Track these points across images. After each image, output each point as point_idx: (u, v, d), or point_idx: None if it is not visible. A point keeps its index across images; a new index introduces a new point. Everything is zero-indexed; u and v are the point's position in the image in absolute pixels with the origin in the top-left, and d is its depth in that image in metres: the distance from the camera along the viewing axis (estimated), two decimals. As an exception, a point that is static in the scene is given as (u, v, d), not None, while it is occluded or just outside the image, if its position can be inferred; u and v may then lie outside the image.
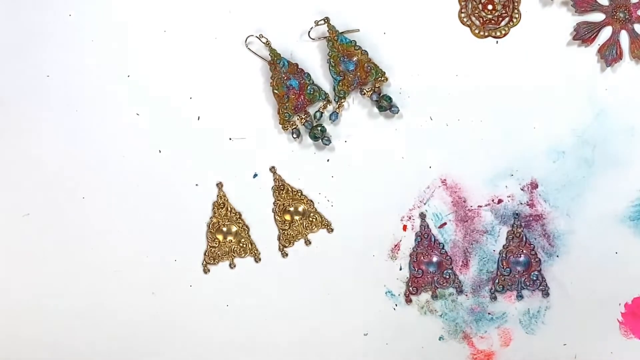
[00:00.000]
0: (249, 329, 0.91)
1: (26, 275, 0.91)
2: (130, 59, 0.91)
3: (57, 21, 0.91)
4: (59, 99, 0.91)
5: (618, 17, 0.88)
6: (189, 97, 0.91)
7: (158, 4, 0.91)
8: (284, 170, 0.91)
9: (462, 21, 0.90)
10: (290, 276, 0.91)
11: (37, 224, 0.91)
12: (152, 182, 0.91)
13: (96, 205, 0.91)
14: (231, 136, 0.91)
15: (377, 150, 0.90)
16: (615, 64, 0.88)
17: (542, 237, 0.89)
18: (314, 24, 0.89)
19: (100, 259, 0.91)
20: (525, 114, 0.89)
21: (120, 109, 0.91)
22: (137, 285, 0.91)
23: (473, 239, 0.90)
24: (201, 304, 0.91)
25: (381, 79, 0.88)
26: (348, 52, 0.88)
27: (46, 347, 0.92)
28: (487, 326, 0.90)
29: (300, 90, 0.89)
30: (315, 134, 0.89)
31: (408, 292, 0.90)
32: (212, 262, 0.91)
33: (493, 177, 0.89)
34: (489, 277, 0.90)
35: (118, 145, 0.91)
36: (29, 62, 0.91)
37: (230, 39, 0.90)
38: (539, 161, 0.89)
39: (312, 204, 0.91)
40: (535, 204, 0.89)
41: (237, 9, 0.91)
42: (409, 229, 0.90)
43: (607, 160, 0.89)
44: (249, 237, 0.91)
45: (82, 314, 0.92)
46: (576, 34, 0.88)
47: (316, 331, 0.91)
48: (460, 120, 0.89)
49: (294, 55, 0.90)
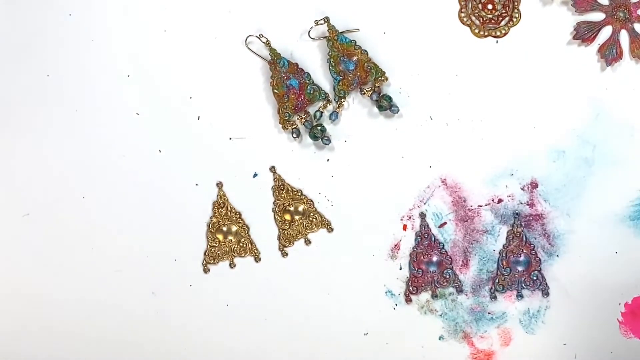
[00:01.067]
0: (249, 329, 0.91)
1: (26, 275, 0.91)
2: (130, 59, 0.91)
3: (57, 21, 0.91)
4: (59, 99, 0.91)
5: (618, 16, 0.88)
6: (189, 97, 0.91)
7: (158, 4, 0.91)
8: (283, 170, 0.91)
9: (462, 21, 0.90)
10: (290, 276, 0.91)
11: (37, 223, 0.91)
12: (152, 182, 0.91)
13: (96, 205, 0.91)
14: (231, 136, 0.91)
15: (377, 150, 0.90)
16: (615, 64, 0.88)
17: (542, 236, 0.89)
18: (314, 23, 0.89)
19: (100, 258, 0.91)
20: (525, 114, 0.89)
21: (120, 109, 0.91)
22: (137, 285, 0.91)
23: (473, 239, 0.90)
24: (201, 304, 0.91)
25: (381, 78, 0.88)
26: (348, 51, 0.88)
27: (46, 346, 0.92)
28: (487, 326, 0.90)
29: (300, 90, 0.89)
30: (315, 133, 0.89)
31: (408, 292, 0.90)
32: (212, 262, 0.91)
33: (493, 177, 0.89)
34: (489, 276, 0.90)
35: (118, 145, 0.91)
36: (29, 62, 0.91)
37: (230, 38, 0.90)
38: (539, 161, 0.89)
39: (312, 203, 0.91)
40: (535, 203, 0.89)
41: (237, 9, 0.91)
42: (409, 229, 0.90)
43: (607, 160, 0.89)
44: (249, 237, 0.91)
45: (82, 314, 0.92)
46: (576, 34, 0.88)
47: (316, 331, 0.91)
48: (460, 120, 0.89)
49: (294, 55, 0.90)
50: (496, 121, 0.89)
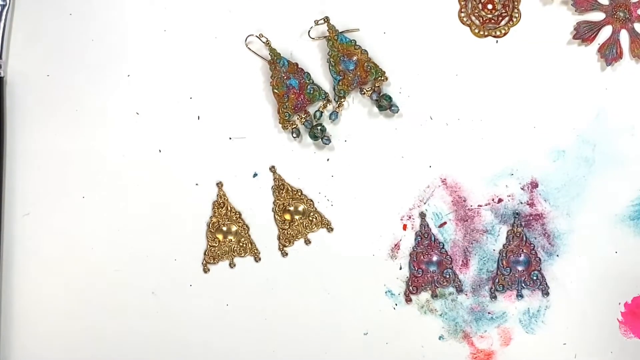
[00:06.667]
0: (249, 328, 0.91)
1: (26, 275, 0.91)
2: (130, 58, 0.91)
3: (57, 21, 0.91)
4: (58, 99, 0.91)
5: (618, 16, 0.88)
6: (189, 97, 0.91)
7: (158, 4, 0.91)
8: (283, 170, 0.91)
9: (462, 21, 0.90)
10: (290, 276, 0.91)
11: (37, 223, 0.91)
12: (152, 182, 0.91)
13: (96, 205, 0.91)
14: (231, 136, 0.91)
15: (377, 149, 0.90)
16: (615, 63, 0.88)
17: (542, 236, 0.89)
18: (314, 23, 0.89)
19: (100, 258, 0.91)
20: (525, 113, 0.89)
21: (120, 109, 0.91)
22: (137, 285, 0.91)
23: (473, 239, 0.90)
24: (201, 304, 0.91)
25: (381, 78, 0.89)
26: (348, 51, 0.89)
27: (46, 347, 0.92)
28: (487, 325, 0.90)
29: (300, 89, 0.89)
30: (315, 133, 0.89)
31: (408, 292, 0.90)
32: (212, 262, 0.91)
33: (493, 177, 0.89)
34: (489, 276, 0.90)
35: (118, 145, 0.91)
36: (29, 62, 0.91)
37: (230, 38, 0.90)
38: (539, 161, 0.89)
39: (312, 203, 0.91)
40: (535, 203, 0.89)
41: (237, 9, 0.91)
42: (408, 229, 0.90)
43: (607, 159, 0.89)
44: (249, 237, 0.91)
45: (82, 314, 0.91)
46: (576, 33, 0.88)
47: (316, 331, 0.91)
48: (460, 120, 0.89)
49: (294, 54, 0.90)
50: (496, 121, 0.89)
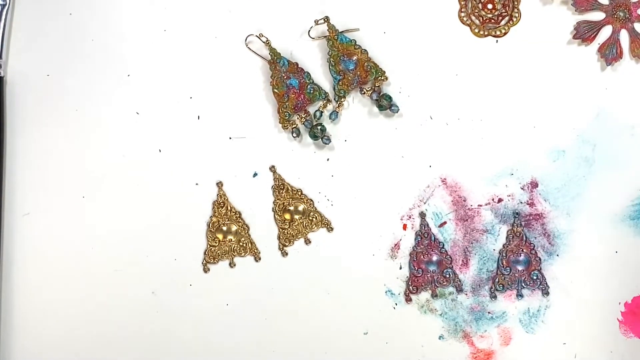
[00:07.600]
0: (249, 328, 0.91)
1: (26, 275, 0.91)
2: (130, 58, 0.91)
3: (57, 21, 0.91)
4: (58, 99, 0.91)
5: (618, 16, 0.88)
6: (189, 97, 0.91)
7: (158, 4, 0.91)
8: (283, 170, 0.91)
9: (462, 20, 0.90)
10: (290, 275, 0.91)
11: (37, 223, 0.91)
12: (152, 182, 0.91)
13: (96, 205, 0.91)
14: (231, 135, 0.91)
15: (377, 149, 0.90)
16: (615, 63, 0.88)
17: (542, 236, 0.89)
18: (314, 23, 0.89)
19: (100, 258, 0.91)
20: (525, 113, 0.89)
21: (120, 109, 0.91)
22: (137, 285, 0.91)
23: (473, 238, 0.90)
24: (201, 304, 0.91)
25: (381, 78, 0.89)
26: (348, 51, 0.89)
27: (46, 347, 0.92)
28: (487, 325, 0.90)
29: (300, 89, 0.89)
30: (315, 133, 0.89)
31: (408, 291, 0.90)
32: (212, 261, 0.91)
33: (493, 176, 0.89)
34: (489, 276, 0.90)
35: (118, 145, 0.91)
36: (29, 62, 0.91)
37: (230, 38, 0.91)
38: (539, 161, 0.89)
39: (312, 203, 0.91)
40: (535, 203, 0.89)
41: (237, 9, 0.91)
42: (408, 228, 0.90)
43: (607, 160, 0.89)
44: (249, 236, 0.91)
45: (82, 313, 0.91)
46: (576, 33, 0.88)
47: (316, 331, 0.91)
48: (460, 119, 0.89)
49: (294, 54, 0.90)
50: (496, 121, 0.89)
